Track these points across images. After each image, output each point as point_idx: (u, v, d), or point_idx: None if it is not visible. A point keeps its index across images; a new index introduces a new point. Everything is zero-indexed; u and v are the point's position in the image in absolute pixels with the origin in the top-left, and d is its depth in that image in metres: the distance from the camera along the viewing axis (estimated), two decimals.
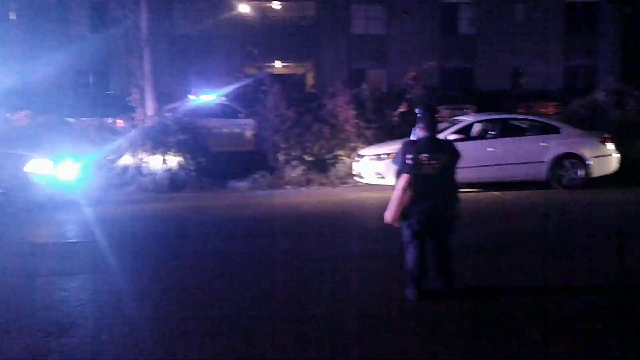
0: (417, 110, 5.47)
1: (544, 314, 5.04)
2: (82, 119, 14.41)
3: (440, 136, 10.80)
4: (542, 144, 11.60)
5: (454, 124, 12.05)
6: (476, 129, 12.08)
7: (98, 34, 27.58)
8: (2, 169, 10.07)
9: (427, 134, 5.33)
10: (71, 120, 14.63)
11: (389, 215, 5.28)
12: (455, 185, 5.40)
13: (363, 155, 11.89)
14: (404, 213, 5.22)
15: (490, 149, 11.45)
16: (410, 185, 5.16)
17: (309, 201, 10.75)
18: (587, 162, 11.42)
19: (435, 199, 5.23)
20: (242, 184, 12.62)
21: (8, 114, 14.37)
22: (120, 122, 13.05)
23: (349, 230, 8.51)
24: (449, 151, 5.33)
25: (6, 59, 27.12)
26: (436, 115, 5.46)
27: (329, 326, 4.82)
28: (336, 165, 13.03)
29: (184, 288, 5.92)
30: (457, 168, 5.37)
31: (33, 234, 8.71)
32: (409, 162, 5.20)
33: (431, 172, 5.20)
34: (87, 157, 12.54)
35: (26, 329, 4.89)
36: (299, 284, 5.95)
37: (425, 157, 5.19)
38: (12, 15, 27.61)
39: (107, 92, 27.74)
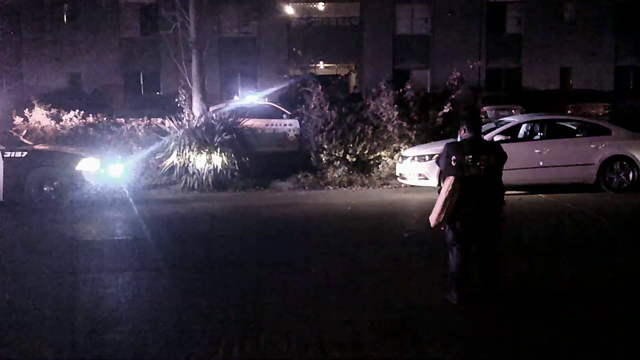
0: (461, 112, 5.43)
1: (589, 319, 4.94)
2: (132, 119, 14.77)
3: (487, 137, 10.75)
4: (591, 145, 11.31)
5: (500, 125, 11.88)
6: (523, 130, 11.86)
7: (148, 36, 28.28)
8: (55, 167, 10.44)
9: (471, 135, 5.27)
10: (121, 120, 15.03)
11: (433, 218, 5.24)
12: (500, 188, 5.31)
13: (406, 157, 11.81)
14: (449, 215, 5.18)
15: (538, 151, 11.23)
16: (454, 187, 5.11)
17: (351, 202, 10.74)
18: (638, 165, 11.08)
19: (480, 201, 5.16)
20: (285, 184, 12.72)
21: (60, 114, 14.87)
22: (168, 123, 13.31)
23: (390, 231, 8.47)
24: (494, 152, 5.26)
25: (58, 60, 28.12)
26: (480, 116, 5.40)
27: (369, 327, 4.84)
28: (379, 166, 12.99)
29: (225, 286, 6.03)
30: (502, 170, 5.30)
31: (82, 230, 8.97)
32: (453, 163, 5.15)
33: (476, 174, 5.14)
34: (135, 157, 12.88)
35: (72, 324, 5.03)
36: (337, 286, 5.97)
37: (470, 158, 5.13)
38: (65, 18, 28.58)
39: (157, 93, 28.40)
